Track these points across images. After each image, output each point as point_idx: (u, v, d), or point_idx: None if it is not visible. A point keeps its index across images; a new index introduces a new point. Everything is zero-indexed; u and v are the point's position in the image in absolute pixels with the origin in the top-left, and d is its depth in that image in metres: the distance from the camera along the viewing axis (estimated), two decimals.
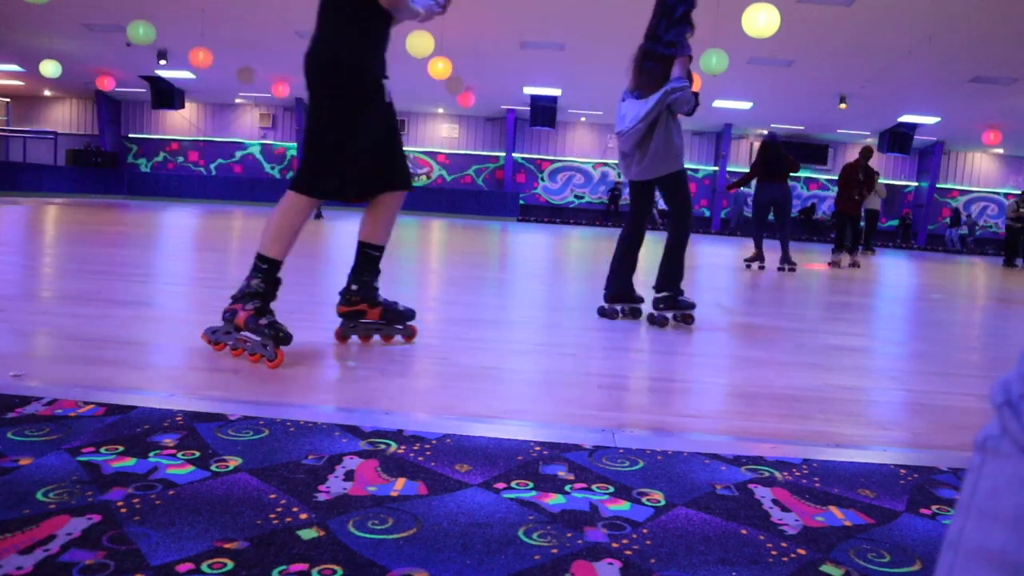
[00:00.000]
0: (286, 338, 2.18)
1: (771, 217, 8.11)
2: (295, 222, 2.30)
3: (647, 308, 3.57)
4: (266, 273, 2.28)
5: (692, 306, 3.41)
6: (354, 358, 2.41)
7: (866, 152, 9.24)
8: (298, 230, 2.32)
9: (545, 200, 23.92)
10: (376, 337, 2.63)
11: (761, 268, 7.88)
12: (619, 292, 3.55)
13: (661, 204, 23.60)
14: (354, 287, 2.53)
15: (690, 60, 3.35)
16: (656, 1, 3.38)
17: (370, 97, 2.32)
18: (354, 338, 2.60)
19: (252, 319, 2.22)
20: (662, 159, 3.38)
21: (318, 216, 19.84)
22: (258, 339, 2.20)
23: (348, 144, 2.30)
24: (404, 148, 2.56)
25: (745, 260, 8.17)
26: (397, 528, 1.11)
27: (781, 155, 7.84)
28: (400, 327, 2.62)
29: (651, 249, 4.20)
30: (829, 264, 9.31)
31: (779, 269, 7.77)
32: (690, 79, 3.38)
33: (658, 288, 3.47)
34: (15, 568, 0.93)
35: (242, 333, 2.26)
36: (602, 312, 3.56)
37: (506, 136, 23.23)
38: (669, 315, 3.45)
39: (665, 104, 3.32)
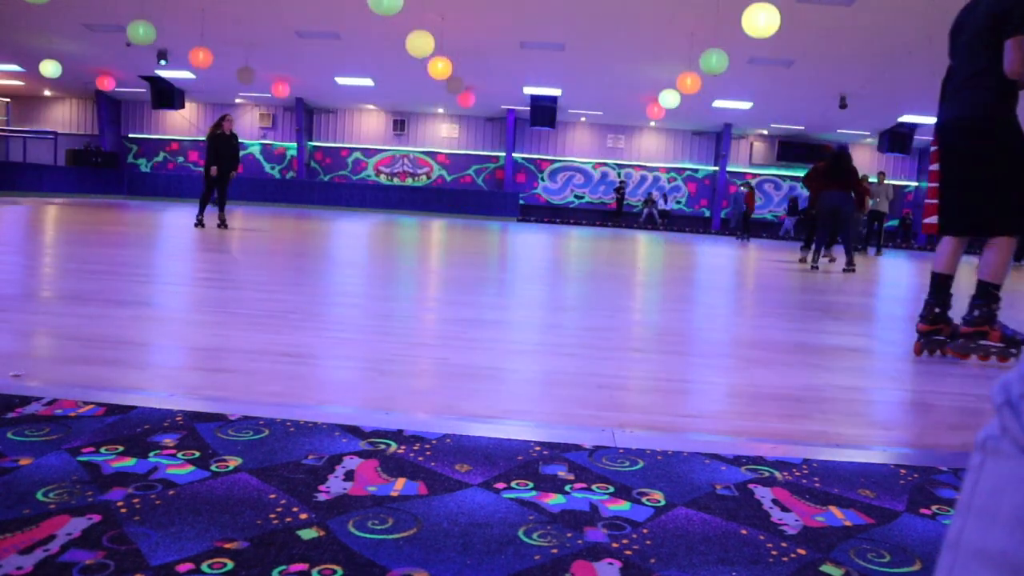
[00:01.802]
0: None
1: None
2: (1012, 254, 2.91)
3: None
4: (996, 297, 2.92)
5: None
6: (355, 358, 2.40)
7: (827, 154, 9.53)
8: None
9: (545, 200, 23.93)
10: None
11: (813, 268, 8.43)
12: None
13: (662, 205, 23.34)
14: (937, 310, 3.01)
15: None
16: None
17: None
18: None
19: (1007, 334, 2.87)
20: None
21: None
22: (1002, 345, 2.85)
23: None
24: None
25: (811, 264, 8.61)
26: (397, 528, 1.11)
27: (851, 169, 8.34)
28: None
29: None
30: (800, 261, 9.51)
31: (844, 270, 8.17)
32: None
33: None
34: (15, 568, 0.93)
35: (990, 344, 2.88)
36: None
37: (506, 136, 23.23)
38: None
39: None
